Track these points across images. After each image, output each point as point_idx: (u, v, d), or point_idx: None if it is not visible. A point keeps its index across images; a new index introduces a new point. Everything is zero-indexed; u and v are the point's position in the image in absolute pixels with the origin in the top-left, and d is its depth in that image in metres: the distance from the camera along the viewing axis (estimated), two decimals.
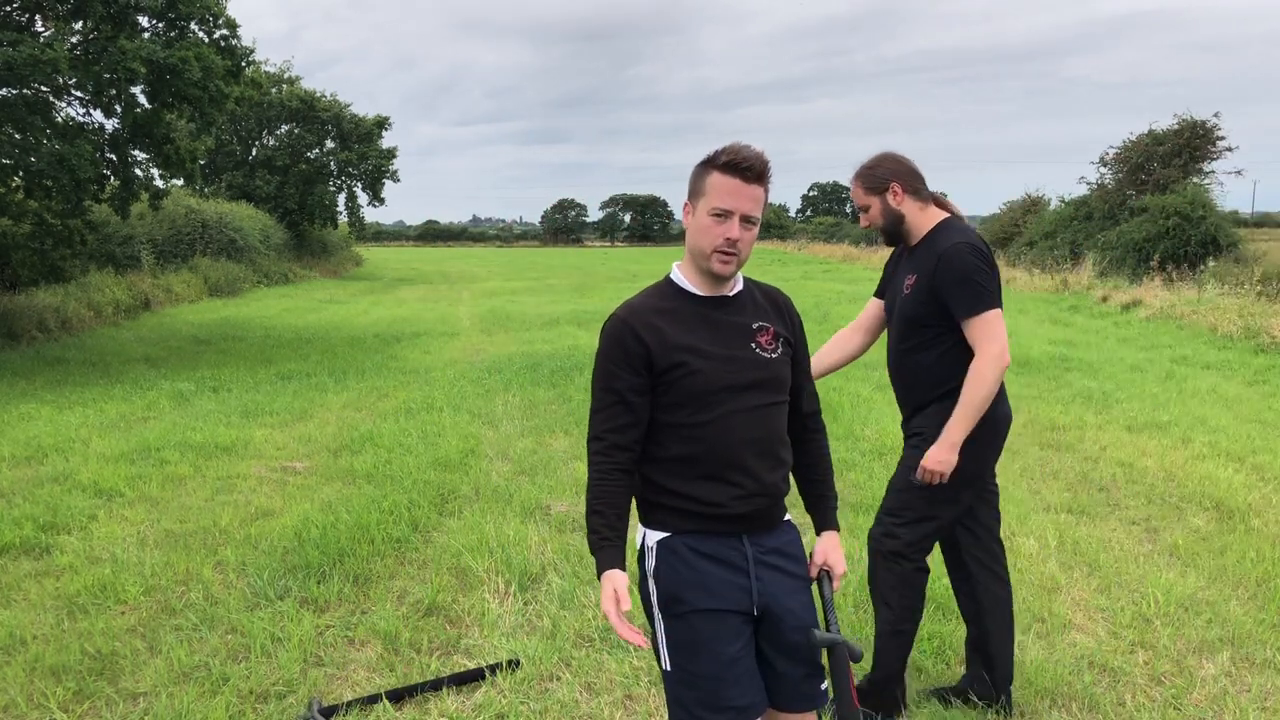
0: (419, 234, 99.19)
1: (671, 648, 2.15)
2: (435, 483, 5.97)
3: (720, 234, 2.11)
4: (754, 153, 2.10)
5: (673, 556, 2.15)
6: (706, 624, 2.12)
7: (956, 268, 2.93)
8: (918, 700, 3.31)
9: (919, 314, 3.03)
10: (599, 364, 2.17)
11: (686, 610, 2.13)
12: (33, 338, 13.47)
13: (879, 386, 9.21)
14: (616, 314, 2.19)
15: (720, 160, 2.11)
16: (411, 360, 11.75)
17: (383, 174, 35.71)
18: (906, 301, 3.06)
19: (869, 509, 5.36)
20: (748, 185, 2.10)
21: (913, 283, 3.04)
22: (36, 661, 3.65)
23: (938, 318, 2.99)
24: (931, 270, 2.97)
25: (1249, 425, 7.43)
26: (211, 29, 13.15)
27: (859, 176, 3.13)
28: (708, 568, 2.14)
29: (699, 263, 2.17)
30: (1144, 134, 24.38)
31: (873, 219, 3.13)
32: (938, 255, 2.97)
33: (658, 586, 2.17)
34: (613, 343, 2.15)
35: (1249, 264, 18.32)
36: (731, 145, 2.12)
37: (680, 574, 2.14)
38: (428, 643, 3.83)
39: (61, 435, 7.43)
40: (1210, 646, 3.74)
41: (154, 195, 14.64)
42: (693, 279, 2.20)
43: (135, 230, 21.37)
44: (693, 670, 2.12)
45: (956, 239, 2.98)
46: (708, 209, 2.12)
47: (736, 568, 2.16)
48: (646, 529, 2.21)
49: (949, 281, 2.93)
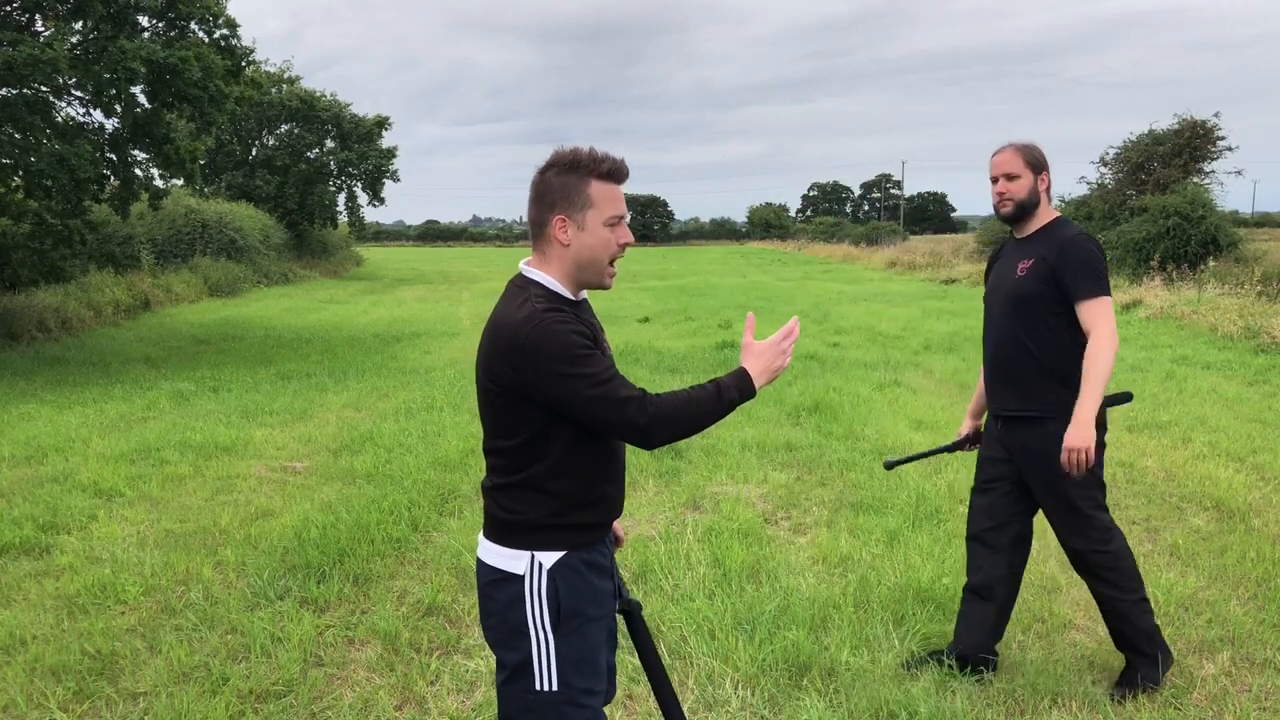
0: (419, 234, 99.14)
1: (563, 666, 2.10)
2: (435, 482, 5.97)
3: (617, 241, 2.08)
4: (621, 158, 2.09)
5: (571, 574, 2.11)
6: (594, 635, 2.14)
7: (1082, 254, 3.16)
8: (921, 661, 3.55)
9: (1033, 293, 3.20)
10: (567, 354, 1.98)
11: (582, 624, 2.12)
12: (33, 338, 13.47)
13: (879, 386, 9.22)
14: (545, 315, 2.00)
15: (602, 168, 2.06)
16: (412, 360, 11.75)
17: (383, 174, 35.67)
18: (1021, 282, 3.23)
19: (869, 509, 5.37)
20: (621, 188, 2.10)
21: (1029, 265, 3.23)
22: (36, 661, 3.65)
23: (1050, 299, 3.18)
24: (1055, 254, 3.17)
25: (1249, 425, 7.43)
26: (211, 29, 13.15)
27: (1020, 148, 3.26)
28: (595, 578, 2.16)
29: (588, 276, 2.09)
30: (1144, 134, 24.42)
31: (1015, 192, 3.25)
32: (1062, 241, 3.19)
33: (553, 605, 2.08)
34: (571, 332, 1.99)
35: (1249, 264, 18.32)
36: (593, 152, 2.07)
37: (579, 590, 2.12)
38: (428, 642, 3.83)
39: (61, 435, 7.43)
40: (1210, 646, 3.74)
41: (154, 195, 14.63)
42: (566, 287, 2.10)
43: (135, 230, 21.36)
44: (580, 686, 2.11)
45: (1077, 231, 3.24)
46: (602, 219, 2.05)
47: (608, 571, 2.21)
48: (533, 552, 2.09)
49: (1074, 264, 3.14)
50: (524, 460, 2.09)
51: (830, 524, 5.21)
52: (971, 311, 16.75)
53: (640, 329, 14.98)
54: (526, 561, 2.10)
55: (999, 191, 3.28)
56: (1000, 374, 3.34)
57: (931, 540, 4.83)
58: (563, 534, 2.11)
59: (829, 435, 7.18)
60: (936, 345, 12.34)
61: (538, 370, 1.99)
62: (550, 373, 1.98)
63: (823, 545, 4.82)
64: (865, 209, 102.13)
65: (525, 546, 2.11)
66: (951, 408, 8.26)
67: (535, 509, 2.10)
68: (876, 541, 4.85)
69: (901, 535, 4.91)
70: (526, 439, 2.07)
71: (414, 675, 3.55)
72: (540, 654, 2.10)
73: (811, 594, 4.17)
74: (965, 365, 10.55)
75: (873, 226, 56.89)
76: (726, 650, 3.65)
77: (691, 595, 4.17)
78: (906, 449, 6.70)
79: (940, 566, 4.41)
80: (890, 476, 5.97)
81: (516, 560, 2.11)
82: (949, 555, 4.58)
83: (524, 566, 2.10)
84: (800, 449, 6.76)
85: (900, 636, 3.76)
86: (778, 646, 3.63)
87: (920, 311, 16.98)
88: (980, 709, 3.28)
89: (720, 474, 6.17)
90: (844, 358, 11.30)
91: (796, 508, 5.55)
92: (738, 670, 3.52)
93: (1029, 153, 3.26)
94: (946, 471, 6.13)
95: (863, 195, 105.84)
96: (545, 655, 2.10)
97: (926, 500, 5.44)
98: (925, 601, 4.04)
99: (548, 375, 1.99)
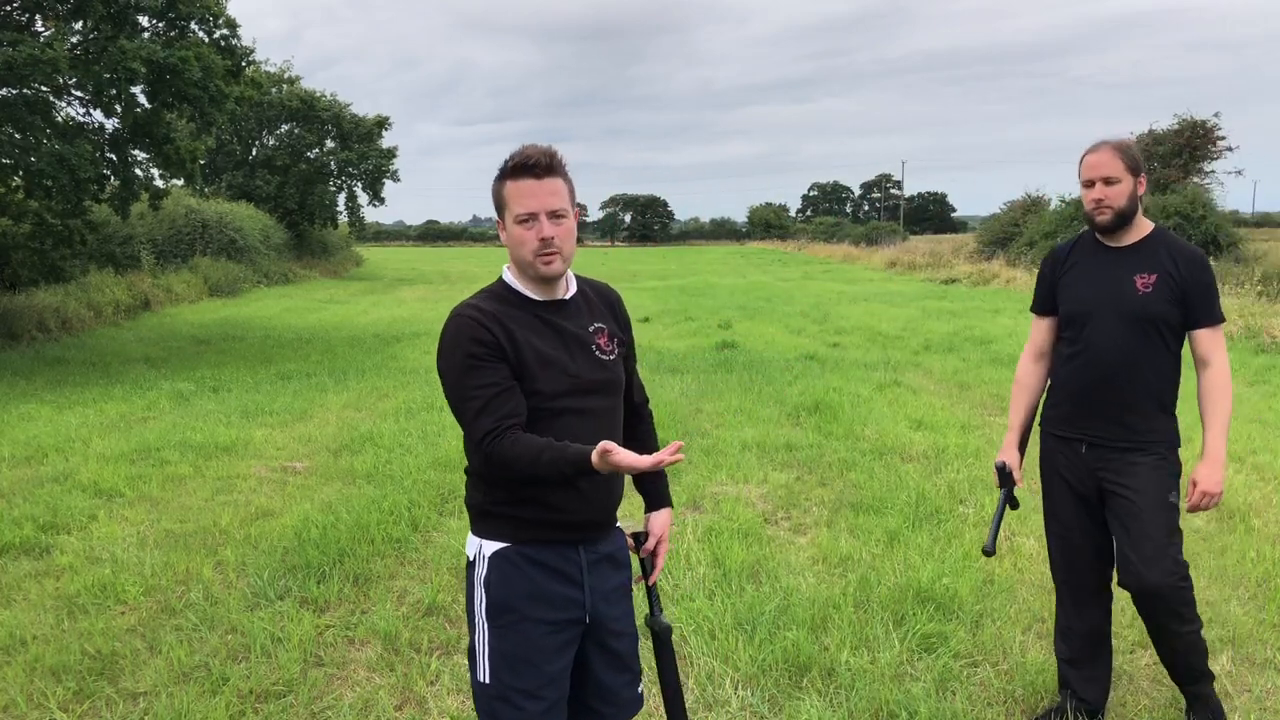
0: (419, 234, 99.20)
1: (494, 659, 2.11)
2: (435, 483, 5.97)
3: (533, 237, 2.06)
4: (537, 148, 2.09)
5: (507, 565, 2.11)
6: (537, 637, 2.11)
7: (1209, 275, 2.91)
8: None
9: (1167, 313, 2.90)
10: (457, 362, 2.05)
11: (517, 620, 2.10)
12: (33, 338, 13.47)
13: (879, 386, 9.22)
14: (461, 312, 2.09)
15: (508, 166, 2.08)
16: (412, 360, 11.75)
17: (383, 174, 35.68)
18: (1150, 300, 2.91)
19: (869, 509, 5.36)
20: (541, 181, 2.06)
21: (1153, 281, 2.91)
22: (36, 661, 3.65)
23: (1174, 320, 2.92)
24: (1182, 272, 2.90)
25: (1249, 425, 7.43)
26: (211, 29, 13.16)
27: (1119, 149, 2.94)
28: (542, 578, 2.11)
29: (526, 271, 2.13)
30: (1144, 134, 24.43)
31: (1114, 197, 2.92)
32: (1189, 258, 2.92)
33: (488, 594, 2.12)
34: (469, 339, 2.04)
35: (1249, 264, 18.35)
36: (515, 150, 2.10)
37: (514, 584, 2.10)
38: (428, 642, 3.83)
39: (61, 435, 7.43)
40: (1210, 646, 3.71)
41: (154, 195, 14.64)
42: (528, 286, 2.15)
43: (135, 230, 21.37)
44: (512, 685, 2.09)
45: (1195, 246, 2.96)
46: (513, 218, 2.08)
47: (570, 578, 2.14)
48: (481, 539, 2.15)
49: (1203, 285, 2.90)
50: (469, 446, 2.14)
51: (830, 524, 5.21)
52: (972, 311, 16.77)
53: (640, 329, 14.98)
54: (476, 548, 2.16)
55: (1096, 198, 2.94)
56: (1110, 398, 2.97)
57: (931, 540, 4.83)
58: (505, 524, 2.12)
59: (829, 435, 7.18)
60: (936, 345, 12.34)
61: (437, 360, 2.12)
62: (440, 366, 2.11)
63: (823, 545, 4.82)
64: (865, 209, 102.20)
65: (477, 532, 2.18)
66: (951, 408, 8.26)
67: (484, 495, 2.14)
68: (876, 541, 4.85)
69: (901, 535, 4.91)
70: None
71: (414, 675, 3.55)
72: (478, 643, 2.14)
73: (811, 594, 4.17)
74: (965, 365, 10.55)
75: (873, 226, 56.92)
76: (726, 650, 3.65)
77: (691, 595, 4.17)
78: (907, 449, 6.70)
79: (940, 566, 4.41)
80: (890, 476, 5.97)
81: (471, 545, 2.18)
82: (949, 555, 4.58)
83: (474, 552, 2.16)
84: (800, 449, 6.76)
85: (900, 636, 3.76)
86: (778, 646, 3.63)
87: (920, 312, 16.97)
88: (980, 709, 3.28)
89: (720, 474, 6.17)
90: (844, 358, 11.30)
91: (796, 508, 5.55)
92: (738, 670, 3.52)
93: (1128, 154, 2.93)
94: (946, 471, 6.14)
95: (863, 195, 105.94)
96: (481, 645, 2.13)
97: (926, 500, 5.44)
98: (925, 601, 4.04)
99: (439, 368, 2.11)
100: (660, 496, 2.38)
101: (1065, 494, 3.10)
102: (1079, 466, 3.05)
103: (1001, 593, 4.21)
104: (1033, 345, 3.26)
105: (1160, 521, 2.90)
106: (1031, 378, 3.26)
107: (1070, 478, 3.08)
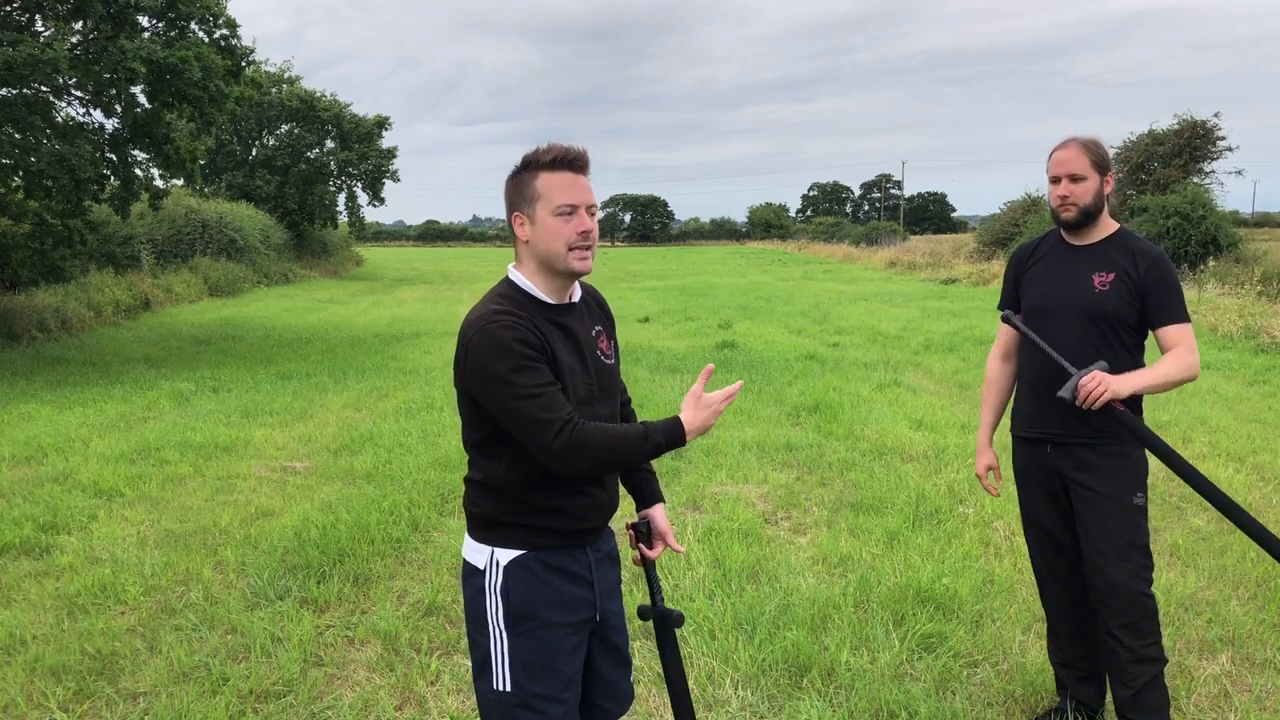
0: (419, 234, 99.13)
1: (515, 667, 2.09)
2: (435, 482, 5.97)
3: (572, 230, 2.02)
4: (574, 146, 2.07)
5: (525, 573, 2.10)
6: (556, 641, 2.11)
7: (1170, 273, 2.90)
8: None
9: (1121, 311, 2.90)
10: (509, 367, 1.96)
11: (537, 626, 2.09)
12: (33, 338, 13.47)
13: (879, 386, 9.22)
14: (496, 318, 2.00)
15: (545, 159, 2.04)
16: (412, 360, 11.75)
17: (383, 174, 35.66)
18: (1106, 297, 2.90)
19: (869, 509, 5.37)
20: (579, 176, 2.05)
21: (1110, 279, 2.91)
22: (36, 661, 3.66)
23: (1131, 318, 2.91)
24: (1141, 271, 2.89)
25: (1249, 425, 7.43)
26: (211, 29, 13.14)
27: (1086, 145, 2.93)
28: (560, 583, 2.12)
29: (555, 267, 2.06)
30: (1144, 134, 24.44)
31: (1080, 195, 2.92)
32: (1149, 256, 2.91)
33: (505, 603, 2.10)
34: (517, 341, 1.98)
35: (1249, 264, 18.34)
36: (545, 146, 2.07)
37: (534, 591, 2.09)
38: (428, 642, 3.83)
39: (61, 435, 7.43)
40: (1210, 646, 3.74)
41: (154, 195, 14.64)
42: (543, 287, 2.10)
43: (135, 230, 21.34)
44: (533, 691, 2.09)
45: (1156, 246, 2.95)
46: (550, 210, 2.02)
47: (582, 579, 2.16)
48: (494, 548, 2.11)
49: (1165, 284, 2.88)
50: (483, 457, 2.12)
51: (830, 524, 5.21)
52: (971, 311, 16.76)
53: (640, 329, 14.98)
54: (487, 556, 2.13)
55: (1061, 195, 2.94)
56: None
57: (931, 540, 4.83)
58: (521, 533, 2.11)
59: (829, 435, 7.18)
60: (936, 345, 12.34)
61: (474, 371, 2.01)
62: (483, 375, 1.99)
63: (823, 545, 4.82)
64: (865, 209, 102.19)
65: (487, 541, 2.14)
66: (951, 408, 8.26)
67: (495, 505, 2.12)
68: (876, 541, 4.85)
69: (901, 535, 4.91)
70: (484, 437, 2.10)
71: (414, 675, 3.55)
72: (496, 652, 2.12)
73: (811, 594, 4.17)
74: (965, 365, 10.55)
75: (873, 226, 56.90)
76: (726, 650, 3.65)
77: (691, 595, 4.17)
78: (907, 449, 6.70)
79: (940, 566, 4.41)
80: (890, 476, 5.97)
81: (479, 554, 2.14)
82: (949, 555, 4.59)
83: (485, 561, 2.13)
84: (800, 449, 6.76)
85: (900, 636, 3.76)
86: (778, 647, 3.63)
87: (920, 311, 16.97)
88: (980, 709, 3.28)
89: (720, 474, 6.17)
90: (844, 358, 11.30)
91: (796, 508, 5.55)
92: (738, 670, 3.52)
93: (1095, 151, 2.93)
94: (946, 471, 6.14)
95: (863, 195, 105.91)
96: (500, 654, 2.11)
97: (926, 500, 5.44)
98: (925, 601, 4.04)
99: (481, 378, 2.00)
100: (654, 493, 2.40)
101: (1039, 498, 3.10)
102: (1047, 468, 3.04)
103: (1001, 593, 4.21)
104: (1000, 344, 3.26)
105: (1123, 521, 2.90)
106: (1001, 376, 3.26)
107: (1041, 480, 3.07)
